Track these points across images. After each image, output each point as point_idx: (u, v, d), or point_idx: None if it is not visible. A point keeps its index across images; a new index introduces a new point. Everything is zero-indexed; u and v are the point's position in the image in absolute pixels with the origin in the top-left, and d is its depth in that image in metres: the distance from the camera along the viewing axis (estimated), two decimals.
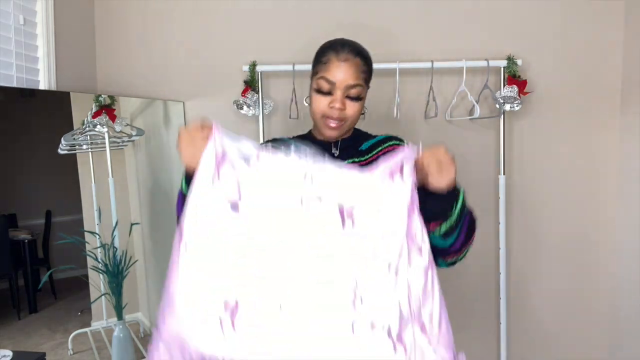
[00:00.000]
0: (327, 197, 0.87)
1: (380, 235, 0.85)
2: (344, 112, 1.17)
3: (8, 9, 1.53)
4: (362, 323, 0.81)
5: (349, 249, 0.84)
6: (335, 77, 1.16)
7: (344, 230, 0.85)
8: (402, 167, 0.89)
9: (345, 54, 1.17)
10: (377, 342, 0.81)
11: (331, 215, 0.85)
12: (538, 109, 1.99)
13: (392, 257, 0.84)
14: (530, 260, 2.05)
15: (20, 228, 1.61)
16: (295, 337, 0.81)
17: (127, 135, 1.86)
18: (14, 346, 1.49)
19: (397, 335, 0.81)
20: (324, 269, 0.83)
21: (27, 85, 1.61)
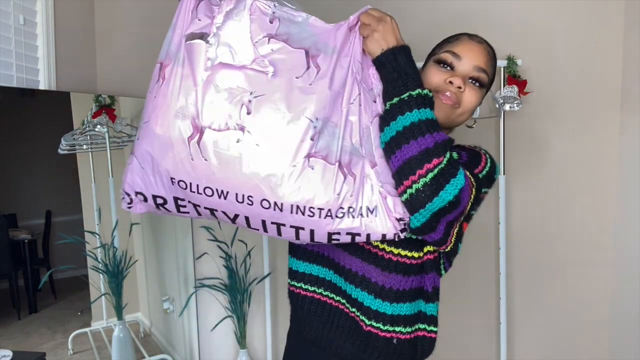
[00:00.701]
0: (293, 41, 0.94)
1: (342, 79, 0.92)
2: (460, 94, 0.99)
3: (8, 9, 1.53)
4: (317, 157, 0.88)
5: (309, 89, 0.90)
6: (464, 52, 1.01)
7: (309, 72, 0.91)
8: (356, 23, 0.98)
9: (479, 38, 1.06)
10: (328, 172, 0.88)
11: (298, 56, 0.92)
12: (538, 109, 1.99)
13: (349, 100, 0.91)
14: (530, 260, 2.05)
15: (20, 228, 1.61)
16: (254, 159, 0.88)
17: (127, 135, 1.86)
18: (14, 346, 1.49)
19: (346, 166, 0.89)
20: (285, 106, 0.88)
21: (27, 85, 1.61)
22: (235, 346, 2.09)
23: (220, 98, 0.89)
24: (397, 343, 1.03)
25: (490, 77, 1.05)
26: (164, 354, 1.98)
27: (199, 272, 2.07)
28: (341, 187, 0.88)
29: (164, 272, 2.06)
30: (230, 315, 1.99)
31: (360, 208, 0.90)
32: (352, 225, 0.90)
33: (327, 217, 0.89)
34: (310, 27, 0.96)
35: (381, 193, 0.90)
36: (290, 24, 0.94)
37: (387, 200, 0.90)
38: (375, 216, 0.90)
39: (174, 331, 2.07)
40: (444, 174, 0.84)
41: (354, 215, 0.90)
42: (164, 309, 2.03)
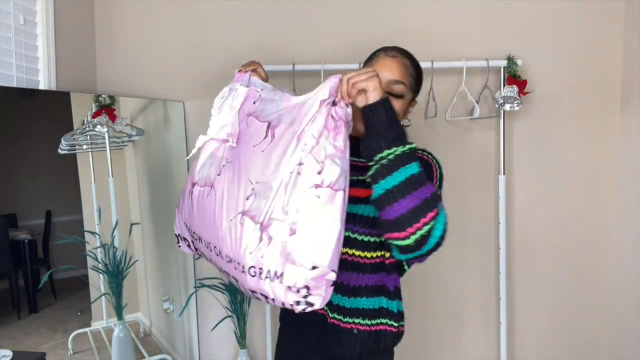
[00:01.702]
0: (262, 117, 1.08)
1: (287, 148, 0.99)
2: None
3: (8, 9, 1.53)
4: (246, 216, 0.98)
5: (259, 156, 1.02)
6: (380, 69, 1.13)
7: (264, 141, 1.03)
8: (331, 98, 1.01)
9: (393, 52, 1.18)
10: (250, 230, 0.96)
11: (261, 129, 1.06)
12: (538, 109, 1.99)
13: (289, 168, 0.97)
14: (530, 260, 2.05)
15: (20, 228, 1.61)
16: (213, 210, 1.05)
17: (127, 135, 1.86)
18: (14, 346, 1.49)
19: (265, 229, 0.95)
20: (238, 170, 1.04)
21: (27, 85, 1.61)
22: (235, 346, 2.10)
23: (209, 162, 1.12)
24: (358, 333, 1.13)
25: (411, 84, 1.17)
26: (164, 354, 1.98)
27: (199, 272, 2.07)
28: (255, 247, 0.95)
29: (164, 272, 2.06)
30: (230, 315, 1.99)
31: (268, 272, 0.94)
32: (261, 287, 0.95)
33: (243, 272, 0.97)
34: (282, 102, 1.08)
35: (288, 259, 0.92)
36: (267, 102, 1.10)
37: (286, 268, 0.92)
38: (281, 283, 0.93)
39: (174, 331, 2.07)
40: (437, 218, 0.96)
41: (261, 277, 0.94)
42: (164, 309, 2.03)
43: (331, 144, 0.97)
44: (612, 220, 2.02)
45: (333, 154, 0.96)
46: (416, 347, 2.05)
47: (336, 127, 0.98)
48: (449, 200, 2.02)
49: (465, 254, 2.04)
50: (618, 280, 2.01)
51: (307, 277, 0.91)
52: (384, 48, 1.20)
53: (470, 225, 2.04)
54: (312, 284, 0.92)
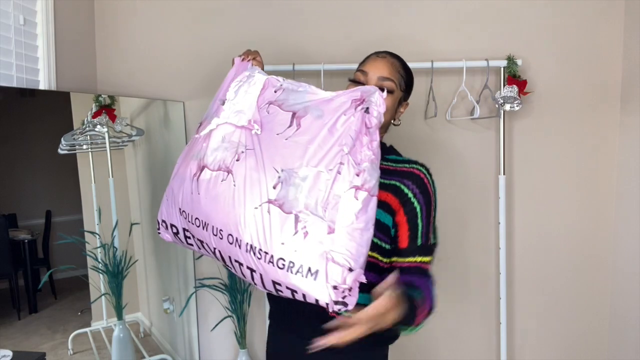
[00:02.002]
0: (286, 106, 1.06)
1: (318, 140, 0.98)
2: None
3: (8, 9, 1.53)
4: (274, 204, 0.96)
5: (284, 144, 1.01)
6: (369, 68, 1.21)
7: (289, 129, 1.02)
8: (362, 101, 1.01)
9: (384, 53, 1.25)
10: (281, 220, 0.95)
11: (285, 118, 1.05)
12: (538, 109, 1.99)
13: (327, 164, 0.96)
14: (530, 260, 2.05)
15: (20, 228, 1.61)
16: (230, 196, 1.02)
17: (127, 135, 1.86)
18: (14, 346, 1.49)
19: (298, 220, 0.94)
20: (261, 157, 1.02)
21: (27, 85, 1.61)
22: (235, 346, 2.10)
23: (223, 146, 1.08)
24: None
25: (400, 82, 1.23)
26: (164, 354, 1.98)
27: (199, 272, 2.07)
28: (288, 238, 0.94)
29: (164, 272, 2.06)
30: (230, 315, 1.99)
31: (301, 266, 0.93)
32: (290, 281, 0.94)
33: (269, 263, 0.95)
34: (307, 94, 1.07)
35: (327, 258, 0.92)
36: (290, 92, 1.09)
37: (328, 266, 0.92)
38: (315, 279, 0.92)
39: (174, 331, 2.07)
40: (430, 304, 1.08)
41: (292, 271, 0.93)
42: (164, 309, 2.03)
43: (368, 149, 0.98)
44: (612, 220, 2.02)
45: (371, 158, 0.98)
46: (416, 347, 2.05)
47: (370, 132, 0.99)
48: (449, 200, 2.03)
49: (465, 254, 2.04)
50: (618, 280, 2.01)
51: (349, 279, 0.92)
52: (376, 52, 1.27)
53: (470, 225, 2.04)
54: (353, 286, 0.93)
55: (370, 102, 1.00)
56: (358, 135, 0.98)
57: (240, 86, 1.14)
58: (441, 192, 1.64)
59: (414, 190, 1.15)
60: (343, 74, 1.95)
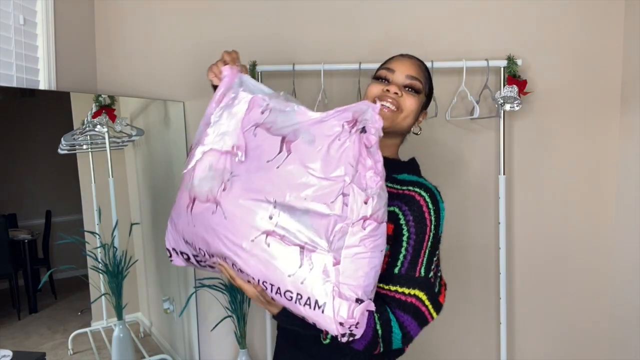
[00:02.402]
0: (275, 129, 0.99)
1: (311, 169, 0.93)
2: (400, 99, 1.13)
3: (8, 9, 1.53)
4: (274, 237, 0.93)
5: (275, 172, 0.95)
6: (396, 66, 1.15)
7: (279, 156, 0.96)
8: (355, 122, 0.95)
9: (410, 56, 1.20)
10: (285, 252, 0.91)
11: (274, 143, 0.98)
12: (538, 109, 1.99)
13: (328, 196, 0.92)
14: (530, 260, 2.05)
15: (20, 228, 1.61)
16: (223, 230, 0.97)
17: (127, 135, 1.86)
18: (14, 346, 1.49)
19: (307, 253, 0.90)
20: (250, 186, 0.96)
21: (27, 85, 1.61)
22: (235, 346, 2.10)
23: (209, 176, 1.02)
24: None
25: (425, 85, 1.18)
26: (164, 354, 1.98)
27: (199, 272, 2.07)
28: (294, 271, 0.91)
29: (164, 272, 2.05)
30: (230, 315, 1.99)
31: (308, 299, 0.91)
32: (299, 312, 0.93)
33: (277, 294, 0.94)
34: (296, 115, 0.99)
35: (334, 291, 0.90)
36: (278, 113, 1.01)
37: (335, 301, 0.90)
38: (322, 312, 0.91)
39: (174, 331, 2.07)
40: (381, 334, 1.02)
41: (300, 303, 0.92)
42: (164, 309, 2.03)
43: (375, 172, 0.93)
44: (612, 220, 2.02)
45: (379, 183, 0.94)
46: (416, 347, 2.05)
47: (372, 153, 0.94)
48: (450, 200, 2.02)
49: (465, 253, 2.04)
50: (618, 280, 2.01)
51: (356, 313, 0.90)
52: (400, 53, 1.22)
53: (470, 226, 2.04)
54: (360, 319, 0.91)
55: (365, 120, 0.93)
56: (359, 160, 0.92)
57: (225, 108, 1.07)
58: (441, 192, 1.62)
59: (408, 217, 1.06)
60: (343, 74, 1.95)
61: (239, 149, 1.00)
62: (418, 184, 1.11)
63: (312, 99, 1.96)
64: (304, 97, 1.99)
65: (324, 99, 1.91)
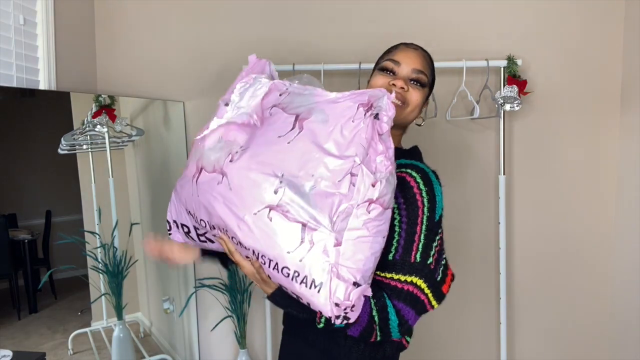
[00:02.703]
0: (290, 108, 1.00)
1: (323, 146, 0.93)
2: (405, 94, 1.11)
3: (8, 9, 1.53)
4: (277, 211, 0.92)
5: (285, 148, 0.95)
6: (402, 58, 1.12)
7: (291, 133, 0.96)
8: (370, 105, 0.95)
9: (414, 46, 1.17)
10: (287, 228, 0.91)
11: (287, 120, 0.98)
12: (538, 109, 1.99)
13: (336, 175, 0.91)
14: (530, 260, 2.05)
15: (20, 228, 1.61)
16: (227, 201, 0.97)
17: (127, 135, 1.87)
18: (14, 346, 1.49)
19: (309, 231, 0.90)
20: (260, 159, 0.95)
21: (27, 85, 1.61)
22: (235, 346, 2.10)
23: (218, 146, 1.02)
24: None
25: (429, 78, 1.16)
26: (164, 354, 1.98)
27: (199, 272, 2.07)
28: (294, 248, 0.90)
29: (164, 272, 2.06)
30: (230, 315, 1.99)
31: (305, 277, 0.91)
32: (295, 289, 0.93)
33: (274, 269, 0.93)
34: (313, 97, 1.00)
35: (332, 272, 0.90)
36: (296, 96, 1.02)
37: (332, 282, 0.89)
38: (318, 292, 0.90)
39: (174, 331, 2.07)
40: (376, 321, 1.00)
41: (297, 280, 0.91)
42: (164, 309, 2.03)
43: (386, 157, 0.93)
44: (612, 219, 2.02)
45: (389, 168, 0.93)
46: (416, 347, 2.05)
47: (384, 140, 0.94)
48: (450, 200, 2.02)
49: (465, 254, 2.04)
50: (618, 279, 2.01)
51: (352, 296, 0.90)
52: (404, 43, 1.19)
53: (470, 226, 2.04)
54: (356, 302, 0.91)
55: (379, 107, 0.94)
56: (370, 144, 0.92)
57: (246, 89, 1.08)
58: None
59: (399, 199, 1.03)
60: (343, 74, 1.95)
61: (256, 114, 1.01)
62: (411, 166, 1.09)
63: None
64: None
65: None
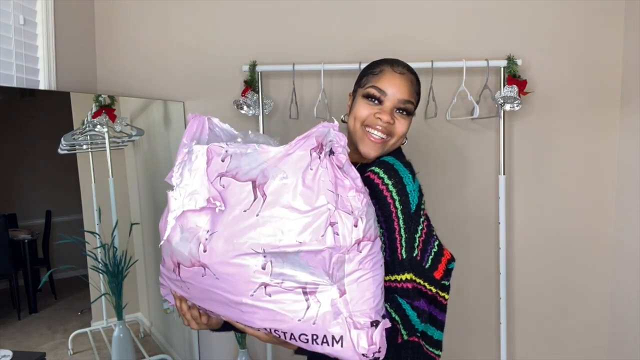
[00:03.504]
0: (241, 175, 0.94)
1: (294, 206, 0.89)
2: (391, 127, 1.08)
3: (8, 9, 1.53)
4: (273, 286, 0.90)
5: (256, 221, 0.90)
6: (388, 88, 1.08)
7: (255, 203, 0.91)
8: (321, 146, 0.91)
9: (401, 68, 1.11)
10: (289, 298, 0.89)
11: (245, 189, 0.93)
12: (538, 109, 1.99)
13: (318, 230, 0.88)
14: (530, 260, 2.05)
15: (20, 228, 1.61)
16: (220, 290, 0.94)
17: (127, 135, 1.86)
18: (14, 346, 1.49)
19: (311, 293, 0.89)
20: (234, 241, 0.91)
21: (27, 85, 1.61)
22: (235, 346, 2.10)
23: (184, 238, 0.96)
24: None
25: (416, 103, 1.14)
26: (164, 354, 1.98)
27: None
28: (303, 314, 0.89)
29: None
30: None
31: (324, 337, 0.90)
32: (318, 351, 0.92)
33: (292, 339, 0.92)
34: (260, 155, 0.94)
35: (348, 324, 0.89)
36: (240, 157, 0.95)
37: (351, 333, 0.88)
38: (342, 347, 0.89)
39: (174, 331, 2.07)
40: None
41: (317, 342, 0.90)
42: (164, 309, 2.03)
43: (356, 190, 0.91)
44: (612, 219, 2.02)
45: (362, 201, 0.91)
46: None
47: (346, 171, 0.91)
48: (450, 200, 2.03)
49: (465, 254, 2.04)
50: (617, 279, 2.01)
51: (375, 338, 0.89)
52: (389, 61, 1.13)
53: (470, 225, 2.04)
54: (381, 342, 0.90)
55: (330, 143, 0.91)
56: (336, 183, 0.89)
57: (183, 166, 1.00)
58: (441, 192, 1.63)
59: (373, 202, 0.99)
60: (343, 74, 1.95)
61: (216, 199, 0.94)
62: (378, 162, 1.06)
63: (312, 99, 1.96)
64: (304, 97, 1.99)
65: (324, 99, 1.91)
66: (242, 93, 1.94)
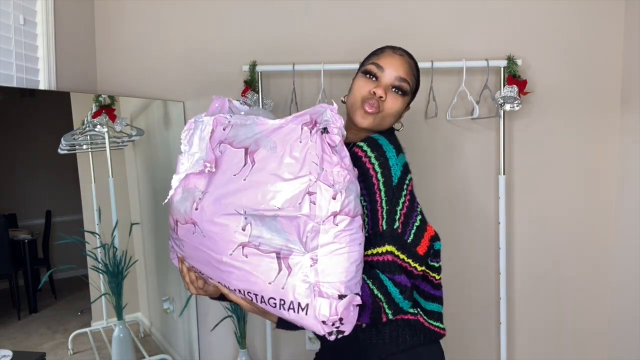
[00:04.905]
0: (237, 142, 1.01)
1: (278, 174, 0.94)
2: (382, 103, 1.11)
3: (8, 9, 1.53)
4: (250, 247, 0.94)
5: (243, 185, 0.96)
6: (386, 65, 1.13)
7: (244, 168, 0.97)
8: (314, 123, 0.96)
9: (400, 51, 1.17)
10: (263, 261, 0.93)
11: (238, 155, 1.00)
12: (538, 109, 1.99)
13: (296, 198, 0.92)
14: (530, 260, 2.05)
15: (20, 228, 1.61)
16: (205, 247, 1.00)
17: (127, 135, 1.86)
18: (14, 346, 1.49)
19: (284, 259, 0.92)
20: (222, 202, 0.97)
21: (27, 85, 1.61)
22: (235, 346, 2.10)
23: (183, 197, 1.05)
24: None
25: (413, 86, 1.17)
26: (164, 354, 1.98)
27: None
28: (274, 277, 0.92)
29: (164, 272, 2.05)
30: (230, 315, 1.99)
31: (291, 303, 0.92)
32: (285, 316, 0.94)
33: (262, 303, 0.95)
34: (257, 126, 1.01)
35: (314, 291, 0.91)
36: (239, 127, 1.03)
37: (316, 301, 0.91)
38: (307, 314, 0.91)
39: (174, 331, 2.07)
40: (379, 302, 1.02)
41: (284, 308, 0.93)
42: (164, 309, 2.03)
43: (342, 167, 0.94)
44: (612, 220, 2.02)
45: (347, 177, 0.94)
46: None
47: (338, 151, 0.95)
48: (450, 200, 2.03)
49: (465, 254, 2.04)
50: (618, 280, 2.01)
51: (338, 309, 0.91)
52: (391, 46, 1.19)
53: (470, 225, 2.04)
54: (344, 314, 0.91)
55: (325, 121, 0.95)
56: (323, 158, 0.93)
57: (192, 134, 1.09)
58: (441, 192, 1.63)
59: (358, 176, 1.03)
60: (343, 74, 1.95)
61: (209, 162, 1.01)
62: (365, 139, 1.09)
63: (312, 99, 1.96)
64: (304, 97, 1.99)
65: (324, 99, 1.91)
66: (242, 93, 1.94)
